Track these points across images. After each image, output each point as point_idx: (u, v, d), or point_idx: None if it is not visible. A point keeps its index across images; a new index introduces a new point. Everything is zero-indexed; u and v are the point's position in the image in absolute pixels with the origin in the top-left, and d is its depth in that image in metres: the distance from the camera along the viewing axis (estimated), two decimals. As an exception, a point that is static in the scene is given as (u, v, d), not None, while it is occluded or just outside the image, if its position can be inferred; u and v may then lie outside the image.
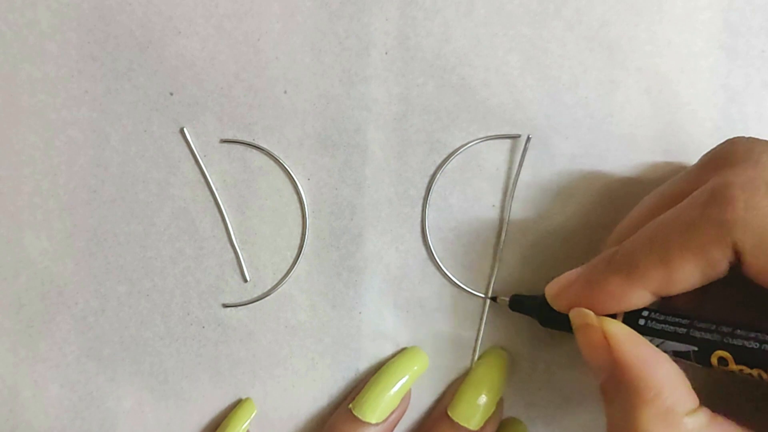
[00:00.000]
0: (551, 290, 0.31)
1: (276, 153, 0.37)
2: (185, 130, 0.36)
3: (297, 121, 0.37)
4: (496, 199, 0.37)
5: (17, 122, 0.36)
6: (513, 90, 0.37)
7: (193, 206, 0.37)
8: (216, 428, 0.37)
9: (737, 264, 0.26)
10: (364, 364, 0.37)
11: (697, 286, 0.27)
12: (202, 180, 0.37)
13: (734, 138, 0.29)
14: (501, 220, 0.37)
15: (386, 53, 0.37)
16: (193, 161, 0.37)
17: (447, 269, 0.37)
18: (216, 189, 0.37)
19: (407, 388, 0.36)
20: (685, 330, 0.28)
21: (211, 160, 0.37)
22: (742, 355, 0.26)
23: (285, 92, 0.37)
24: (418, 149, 0.37)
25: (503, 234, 0.37)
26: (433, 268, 0.37)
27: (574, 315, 0.30)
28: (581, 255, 0.36)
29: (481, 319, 0.37)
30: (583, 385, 0.37)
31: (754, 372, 0.26)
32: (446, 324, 0.37)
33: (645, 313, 0.29)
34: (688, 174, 0.31)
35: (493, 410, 0.35)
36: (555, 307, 0.31)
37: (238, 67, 0.36)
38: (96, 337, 0.36)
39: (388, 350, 0.37)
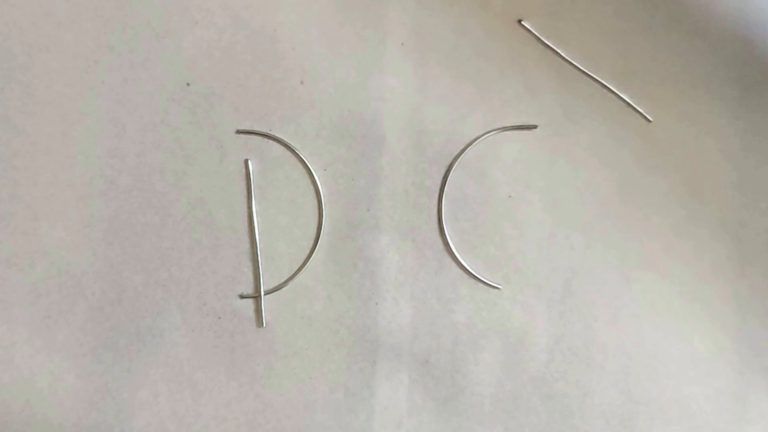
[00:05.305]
0: None
1: (292, 144, 0.37)
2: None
3: (313, 111, 0.37)
4: (512, 189, 0.37)
5: (33, 113, 0.36)
6: (528, 81, 0.37)
7: (210, 197, 0.37)
8: (231, 419, 0.37)
9: None
10: (380, 356, 0.37)
11: None
12: (219, 171, 0.37)
13: None
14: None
15: (402, 44, 0.37)
16: (209, 152, 0.37)
17: (463, 260, 0.37)
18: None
19: None
20: None
21: (228, 151, 0.37)
22: None
23: (302, 83, 0.37)
24: (434, 140, 0.37)
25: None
26: (449, 259, 0.37)
27: None
28: (600, 245, 0.36)
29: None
30: (607, 370, 0.37)
31: None
32: (462, 315, 0.37)
33: None
34: None
35: None
36: None
37: (255, 57, 0.36)
38: (112, 327, 0.36)
39: (405, 341, 0.37)
